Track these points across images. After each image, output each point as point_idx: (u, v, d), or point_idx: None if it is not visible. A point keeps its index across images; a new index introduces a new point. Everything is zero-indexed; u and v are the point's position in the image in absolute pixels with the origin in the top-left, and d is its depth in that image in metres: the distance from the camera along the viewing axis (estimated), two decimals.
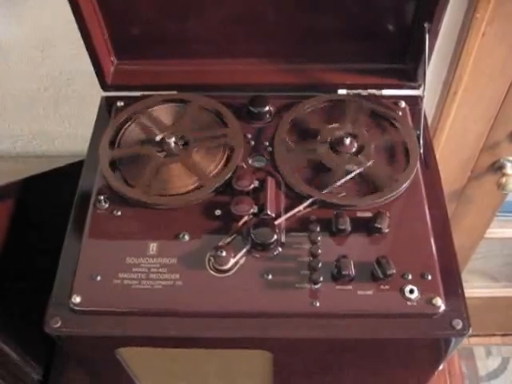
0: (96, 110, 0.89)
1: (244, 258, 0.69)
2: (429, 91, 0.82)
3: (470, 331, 0.66)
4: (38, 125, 1.16)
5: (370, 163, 0.76)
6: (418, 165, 0.78)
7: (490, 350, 1.90)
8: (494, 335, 1.92)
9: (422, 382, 0.82)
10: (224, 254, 0.67)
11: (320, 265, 0.68)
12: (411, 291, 0.67)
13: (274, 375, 0.78)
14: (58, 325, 0.66)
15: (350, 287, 0.67)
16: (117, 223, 0.73)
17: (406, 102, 0.86)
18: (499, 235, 1.51)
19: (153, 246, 0.71)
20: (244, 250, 0.69)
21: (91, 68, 0.85)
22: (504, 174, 1.23)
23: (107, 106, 0.88)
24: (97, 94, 0.89)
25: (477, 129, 1.13)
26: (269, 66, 0.88)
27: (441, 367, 0.76)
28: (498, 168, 1.24)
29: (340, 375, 0.81)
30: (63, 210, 0.77)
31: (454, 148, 1.17)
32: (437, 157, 0.82)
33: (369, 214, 0.73)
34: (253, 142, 0.81)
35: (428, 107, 0.81)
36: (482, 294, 1.72)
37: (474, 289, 1.72)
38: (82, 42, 0.81)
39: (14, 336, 0.88)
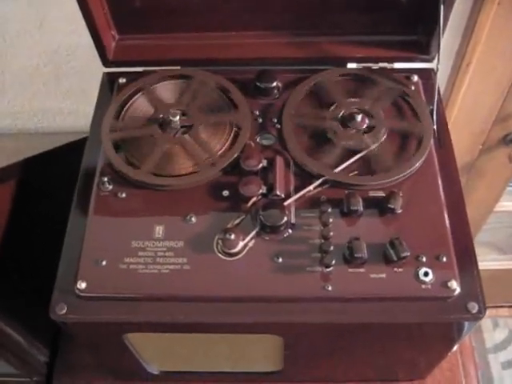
0: (97, 84, 0.86)
1: (253, 241, 0.67)
2: (441, 62, 0.78)
3: (486, 314, 0.64)
4: (39, 101, 1.13)
5: (376, 145, 0.74)
6: (432, 142, 0.75)
7: (497, 322, 1.89)
8: (501, 307, 1.91)
9: (433, 364, 0.81)
10: (233, 236, 0.65)
11: (332, 247, 0.66)
12: (426, 274, 0.65)
13: (284, 358, 0.77)
14: (64, 311, 0.64)
15: (362, 270, 0.65)
16: (121, 206, 0.71)
17: (418, 76, 0.82)
18: (510, 208, 1.49)
19: (159, 229, 0.69)
20: (253, 233, 0.67)
21: (91, 42, 0.82)
22: None
23: (109, 82, 0.85)
24: (98, 68, 0.85)
25: (489, 101, 1.10)
26: (276, 39, 0.84)
27: (454, 348, 0.75)
28: (510, 141, 1.21)
29: (351, 356, 0.80)
30: (67, 191, 0.75)
31: (465, 120, 1.14)
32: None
33: (381, 194, 0.70)
34: (260, 119, 0.78)
35: (440, 79, 0.78)
36: (490, 266, 1.70)
37: (482, 261, 1.70)
38: (80, 16, 0.77)
39: (19, 318, 0.86)
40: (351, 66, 0.84)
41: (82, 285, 0.65)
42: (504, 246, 1.73)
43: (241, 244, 0.66)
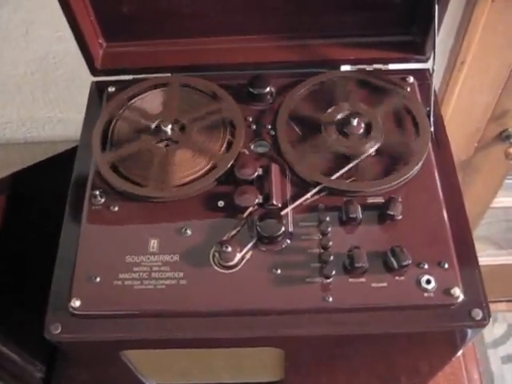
0: (86, 92, 0.84)
1: (250, 253, 0.66)
2: (436, 62, 0.77)
3: (490, 321, 0.63)
4: (27, 110, 1.11)
5: (373, 150, 0.72)
6: (430, 144, 0.73)
7: (496, 316, 1.89)
8: (499, 302, 1.90)
9: (436, 369, 0.80)
10: (229, 249, 0.63)
11: (331, 257, 0.64)
12: (428, 281, 0.63)
13: (285, 368, 0.76)
14: (59, 331, 0.63)
15: (363, 279, 0.64)
16: (114, 219, 0.69)
17: (413, 77, 0.81)
18: (506, 204, 1.48)
19: (153, 243, 0.67)
20: (250, 244, 0.66)
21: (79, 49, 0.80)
22: None
23: (98, 91, 0.83)
24: (86, 75, 0.83)
25: (485, 99, 1.09)
26: (267, 42, 0.83)
27: (459, 353, 0.74)
28: (505, 137, 1.20)
29: (353, 365, 0.78)
30: (59, 203, 0.73)
31: (461, 119, 1.13)
32: None
33: (380, 200, 0.69)
34: (254, 126, 0.76)
35: (434, 77, 0.77)
36: (487, 262, 1.70)
37: (478, 256, 1.69)
38: (67, 23, 0.75)
39: (13, 335, 0.84)
40: (345, 68, 0.82)
41: (76, 303, 0.63)
42: (500, 240, 1.73)
43: (238, 256, 0.65)
